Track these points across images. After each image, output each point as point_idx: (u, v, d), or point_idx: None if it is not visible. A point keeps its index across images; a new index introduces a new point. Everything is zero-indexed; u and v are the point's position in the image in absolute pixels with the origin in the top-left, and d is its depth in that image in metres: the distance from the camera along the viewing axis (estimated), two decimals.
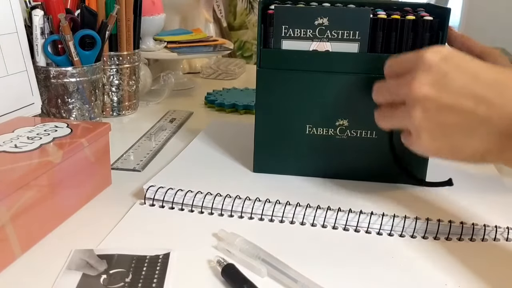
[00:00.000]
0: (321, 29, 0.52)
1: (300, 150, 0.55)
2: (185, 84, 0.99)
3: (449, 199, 0.52)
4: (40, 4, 0.62)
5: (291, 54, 0.53)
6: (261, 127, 0.55)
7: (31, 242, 0.42)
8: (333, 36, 0.52)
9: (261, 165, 0.56)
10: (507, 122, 0.37)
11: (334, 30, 0.52)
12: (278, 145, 0.55)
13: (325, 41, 0.52)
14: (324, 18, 0.51)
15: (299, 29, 0.52)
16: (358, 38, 0.52)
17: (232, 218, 0.48)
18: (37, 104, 0.63)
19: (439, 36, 0.51)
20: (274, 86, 0.54)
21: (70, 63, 0.64)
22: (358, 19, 0.51)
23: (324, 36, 0.52)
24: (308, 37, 0.52)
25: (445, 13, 0.51)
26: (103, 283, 0.38)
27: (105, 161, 0.54)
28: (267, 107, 0.54)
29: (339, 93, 0.53)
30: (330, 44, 0.52)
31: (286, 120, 0.54)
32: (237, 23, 1.30)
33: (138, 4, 0.78)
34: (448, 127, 0.40)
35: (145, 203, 0.50)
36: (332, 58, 0.52)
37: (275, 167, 0.56)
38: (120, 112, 0.79)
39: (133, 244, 0.43)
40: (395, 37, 0.52)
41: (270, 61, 0.53)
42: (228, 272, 0.38)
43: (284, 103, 0.54)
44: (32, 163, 0.42)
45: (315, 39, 0.52)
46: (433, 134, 0.41)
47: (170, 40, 0.94)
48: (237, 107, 0.82)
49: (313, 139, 0.54)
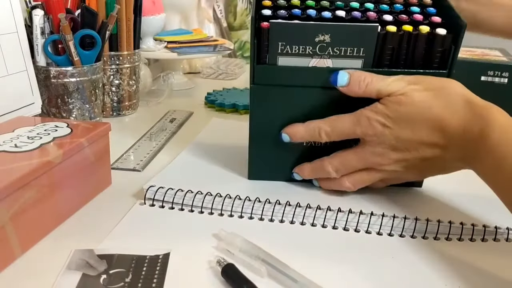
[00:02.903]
0: (322, 46, 0.48)
1: (297, 161, 0.53)
2: (185, 84, 0.99)
3: (449, 199, 0.52)
4: (40, 4, 0.62)
5: (289, 70, 0.49)
6: (256, 141, 0.53)
7: (31, 242, 0.42)
8: (335, 53, 0.49)
9: (255, 174, 0.55)
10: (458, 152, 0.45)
11: (336, 47, 0.48)
12: (273, 156, 0.53)
13: (326, 58, 0.49)
14: (326, 35, 0.48)
15: (298, 46, 0.48)
16: (362, 55, 0.49)
17: (232, 218, 0.48)
18: (37, 104, 0.63)
19: (451, 50, 0.49)
20: (269, 102, 0.51)
21: (70, 63, 0.64)
22: (363, 36, 0.48)
23: (325, 53, 0.49)
24: (307, 54, 0.49)
25: (458, 26, 0.48)
26: (103, 283, 0.38)
27: (105, 161, 0.54)
28: (261, 122, 0.52)
29: (339, 108, 0.50)
30: (331, 61, 0.49)
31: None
32: (237, 23, 1.30)
33: (138, 4, 0.78)
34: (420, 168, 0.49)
35: (145, 203, 0.50)
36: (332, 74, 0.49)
37: (270, 175, 0.54)
38: (120, 112, 0.79)
39: (133, 244, 0.43)
40: (406, 50, 0.50)
41: (265, 77, 0.50)
42: (228, 272, 0.38)
43: (279, 119, 0.52)
44: (32, 163, 0.42)
45: (315, 56, 0.49)
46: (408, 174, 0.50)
47: (170, 40, 0.94)
48: (237, 107, 0.82)
49: (311, 151, 0.53)
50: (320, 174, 0.52)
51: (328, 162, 0.51)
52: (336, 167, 0.50)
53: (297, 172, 0.54)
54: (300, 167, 0.53)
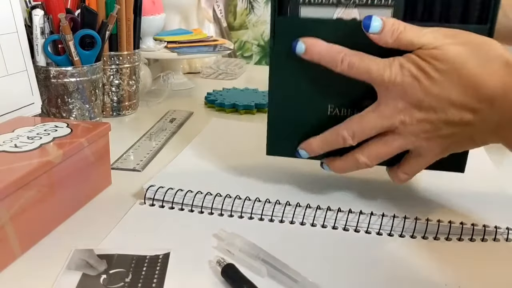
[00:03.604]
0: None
1: (320, 133, 0.48)
2: (185, 84, 0.99)
3: (449, 199, 0.52)
4: (40, 4, 0.62)
5: (310, 23, 0.45)
6: (276, 107, 0.48)
7: (31, 242, 0.42)
8: (361, 1, 0.45)
9: (274, 147, 0.50)
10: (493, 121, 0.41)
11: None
12: (295, 126, 0.48)
13: (351, 8, 0.45)
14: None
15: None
16: (391, 4, 0.44)
17: (232, 218, 0.48)
18: (37, 104, 0.63)
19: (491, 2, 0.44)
20: (290, 61, 0.46)
21: (70, 63, 0.64)
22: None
23: (350, 2, 0.45)
24: (331, 3, 0.45)
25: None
26: (103, 283, 0.38)
27: (105, 161, 0.54)
28: (283, 86, 0.47)
29: None
30: (357, 11, 0.45)
31: (305, 100, 0.48)
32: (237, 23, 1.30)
33: (138, 4, 0.78)
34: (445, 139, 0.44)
35: (145, 203, 0.50)
36: (360, 27, 0.44)
37: (290, 150, 0.49)
38: (120, 112, 0.79)
39: (133, 244, 0.43)
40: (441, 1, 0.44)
41: (286, 31, 0.45)
42: (228, 272, 0.38)
43: (303, 81, 0.47)
44: (32, 163, 0.42)
45: (339, 5, 0.45)
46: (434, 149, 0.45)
47: (170, 40, 0.94)
48: (237, 107, 0.82)
49: (336, 121, 0.47)
50: (333, 144, 0.47)
51: (343, 127, 0.46)
52: (353, 131, 0.45)
53: (304, 148, 0.48)
54: (306, 142, 0.48)
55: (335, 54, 0.44)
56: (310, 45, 0.45)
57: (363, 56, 0.44)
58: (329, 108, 0.48)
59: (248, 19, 1.30)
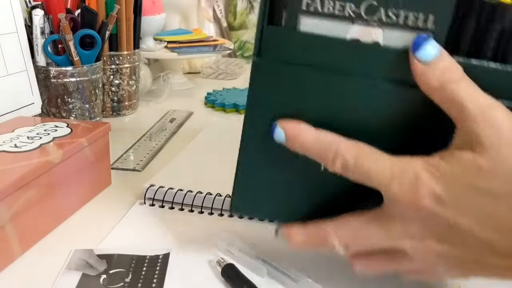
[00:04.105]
0: (371, 5, 0.30)
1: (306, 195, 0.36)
2: (185, 84, 0.99)
3: None
4: (40, 4, 0.62)
5: (316, 41, 0.31)
6: (250, 150, 0.36)
7: (31, 242, 0.42)
8: (389, 20, 0.30)
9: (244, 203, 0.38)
10: None
11: (392, 10, 0.30)
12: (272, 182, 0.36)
13: (374, 26, 0.31)
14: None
15: (333, 1, 0.30)
16: (430, 28, 0.30)
17: (232, 218, 0.48)
18: (37, 104, 0.63)
19: None
20: (279, 90, 0.33)
21: (70, 63, 0.64)
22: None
23: (374, 17, 0.30)
24: (346, 16, 0.31)
25: None
26: (103, 283, 0.38)
27: (105, 161, 0.54)
28: (263, 123, 0.34)
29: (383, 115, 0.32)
30: (382, 31, 0.31)
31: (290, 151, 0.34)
32: (237, 23, 1.30)
33: (138, 4, 0.78)
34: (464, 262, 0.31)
35: (145, 203, 0.50)
36: (384, 56, 0.31)
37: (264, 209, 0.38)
38: (120, 112, 0.79)
39: (133, 244, 0.43)
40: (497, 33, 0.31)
41: (278, 47, 0.32)
42: (228, 272, 0.38)
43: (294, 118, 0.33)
44: (32, 163, 0.42)
45: (357, 21, 0.31)
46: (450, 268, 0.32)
47: (170, 40, 0.94)
48: (238, 107, 0.82)
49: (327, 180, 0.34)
50: (319, 246, 0.35)
51: (332, 230, 0.33)
52: (346, 240, 0.33)
53: (285, 234, 0.36)
54: (288, 229, 0.35)
55: (324, 150, 0.32)
56: (292, 135, 0.32)
57: (362, 152, 0.31)
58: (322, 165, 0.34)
59: (248, 19, 1.30)
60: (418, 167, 0.29)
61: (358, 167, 0.31)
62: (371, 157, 0.31)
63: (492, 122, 0.28)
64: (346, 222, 0.33)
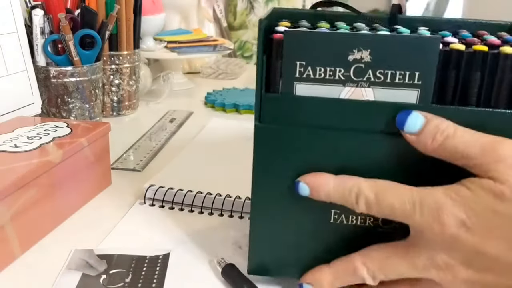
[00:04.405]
0: (359, 68, 0.33)
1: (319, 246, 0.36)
2: (185, 84, 0.99)
3: None
4: (40, 4, 0.62)
5: (311, 103, 0.34)
6: (260, 211, 0.36)
7: (31, 242, 0.42)
8: (377, 79, 0.33)
9: (258, 266, 0.38)
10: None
11: (379, 70, 0.33)
12: (284, 238, 0.37)
13: (364, 87, 0.33)
14: (365, 50, 0.32)
15: (324, 67, 0.33)
16: (417, 83, 0.33)
17: (232, 218, 0.48)
18: (37, 103, 0.63)
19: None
20: (282, 152, 0.35)
21: (70, 62, 0.64)
22: (420, 53, 0.32)
23: (363, 79, 0.33)
24: (337, 79, 0.33)
25: None
26: (103, 283, 0.38)
27: (105, 161, 0.54)
28: (272, 183, 0.35)
29: (385, 164, 0.34)
30: (372, 90, 0.33)
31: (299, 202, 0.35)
32: (237, 23, 1.30)
33: (138, 4, 0.78)
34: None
35: (145, 203, 0.50)
36: (378, 111, 0.33)
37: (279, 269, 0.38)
38: (120, 112, 0.79)
39: (133, 244, 0.43)
40: (479, 81, 0.33)
41: (277, 113, 0.34)
42: (229, 272, 0.38)
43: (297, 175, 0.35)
44: (32, 163, 0.42)
45: (348, 83, 0.33)
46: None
47: (170, 40, 0.94)
48: (238, 107, 0.82)
49: (341, 230, 0.36)
50: (348, 280, 0.35)
51: (360, 261, 0.34)
52: (373, 271, 0.33)
53: (310, 282, 0.35)
54: (314, 274, 0.35)
55: (347, 194, 0.33)
56: (316, 187, 0.34)
57: (381, 187, 0.32)
58: (332, 214, 0.36)
59: (248, 19, 1.30)
60: (439, 194, 0.30)
61: (380, 202, 0.32)
62: (391, 190, 0.32)
63: (500, 156, 0.29)
64: (372, 252, 0.34)
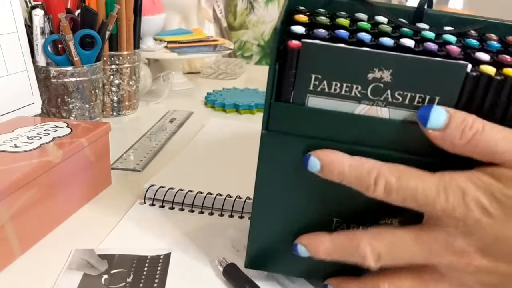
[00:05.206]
0: (378, 87, 0.31)
1: None
2: (185, 84, 0.98)
3: None
4: (40, 4, 0.62)
5: (323, 115, 0.33)
6: (261, 215, 0.36)
7: (31, 242, 0.42)
8: (395, 100, 0.31)
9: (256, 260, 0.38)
10: None
11: (399, 91, 0.31)
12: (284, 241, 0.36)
13: (380, 106, 0.32)
14: (386, 70, 0.31)
15: (340, 83, 0.32)
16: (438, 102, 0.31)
17: (232, 218, 0.48)
18: (37, 103, 0.63)
19: None
20: (288, 160, 0.34)
21: (70, 62, 0.64)
22: (443, 77, 0.31)
23: (380, 98, 0.32)
24: (353, 96, 0.32)
25: None
26: (104, 283, 0.37)
27: (105, 161, 0.53)
28: (275, 190, 0.35)
29: None
30: (388, 110, 0.32)
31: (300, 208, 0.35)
32: (237, 23, 1.30)
33: (138, 4, 0.78)
34: None
35: (145, 203, 0.50)
36: (393, 130, 0.32)
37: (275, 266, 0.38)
38: (120, 112, 0.79)
39: (133, 244, 0.43)
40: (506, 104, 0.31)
41: (286, 122, 0.33)
42: (230, 272, 0.38)
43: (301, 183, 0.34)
44: (32, 163, 0.42)
45: (364, 101, 0.32)
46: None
47: (170, 40, 0.94)
48: (238, 107, 0.82)
49: None
50: (347, 255, 0.33)
51: (366, 239, 0.32)
52: (379, 251, 0.31)
53: (306, 245, 0.34)
54: (312, 238, 0.34)
55: (364, 174, 0.31)
56: (328, 163, 0.32)
57: (404, 171, 0.31)
58: (334, 223, 0.35)
59: (248, 19, 1.30)
60: (462, 179, 0.29)
61: (403, 186, 0.30)
62: (414, 175, 0.30)
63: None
64: (383, 233, 0.32)
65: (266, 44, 1.30)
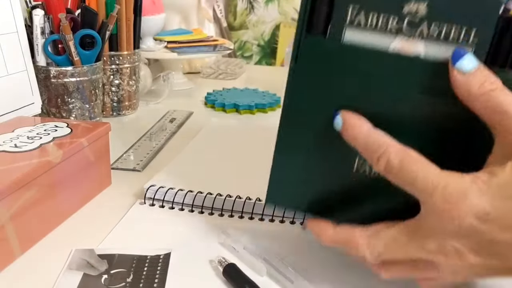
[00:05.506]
0: (413, 20, 0.32)
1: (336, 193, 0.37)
2: (185, 84, 0.98)
3: None
4: (40, 4, 0.62)
5: (359, 53, 0.32)
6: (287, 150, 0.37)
7: (31, 242, 0.42)
8: (432, 33, 0.32)
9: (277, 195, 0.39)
10: None
11: (435, 23, 0.32)
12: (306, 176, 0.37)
13: (417, 39, 0.32)
14: (422, 2, 0.31)
15: (377, 15, 0.32)
16: (473, 41, 0.32)
17: (232, 218, 0.48)
18: (37, 103, 0.63)
19: None
20: (315, 94, 0.34)
21: (70, 62, 0.64)
22: (480, 8, 0.31)
23: (416, 32, 0.32)
24: (389, 29, 0.32)
25: None
26: (104, 283, 0.38)
27: (105, 161, 0.53)
28: (300, 128, 0.36)
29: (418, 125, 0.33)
30: (424, 44, 0.32)
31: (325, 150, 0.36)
32: (237, 23, 1.30)
33: (138, 4, 0.78)
34: None
35: (145, 203, 0.50)
36: (428, 69, 0.32)
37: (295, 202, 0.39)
38: (120, 112, 0.79)
39: (133, 244, 0.43)
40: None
41: (319, 58, 0.33)
42: (230, 272, 0.38)
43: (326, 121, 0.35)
44: (32, 163, 0.42)
45: (400, 34, 0.32)
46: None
47: (170, 40, 0.94)
48: (238, 107, 0.82)
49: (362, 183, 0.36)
50: (348, 249, 0.35)
51: (365, 240, 0.34)
52: (378, 251, 0.33)
53: (312, 228, 0.37)
54: (318, 224, 0.36)
55: (373, 147, 0.32)
56: (348, 126, 0.33)
57: (410, 156, 0.31)
58: (356, 164, 0.35)
59: (248, 19, 1.30)
60: (466, 183, 0.30)
61: (403, 170, 0.31)
62: (419, 162, 0.31)
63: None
64: (380, 232, 0.33)
65: (266, 44, 1.30)
